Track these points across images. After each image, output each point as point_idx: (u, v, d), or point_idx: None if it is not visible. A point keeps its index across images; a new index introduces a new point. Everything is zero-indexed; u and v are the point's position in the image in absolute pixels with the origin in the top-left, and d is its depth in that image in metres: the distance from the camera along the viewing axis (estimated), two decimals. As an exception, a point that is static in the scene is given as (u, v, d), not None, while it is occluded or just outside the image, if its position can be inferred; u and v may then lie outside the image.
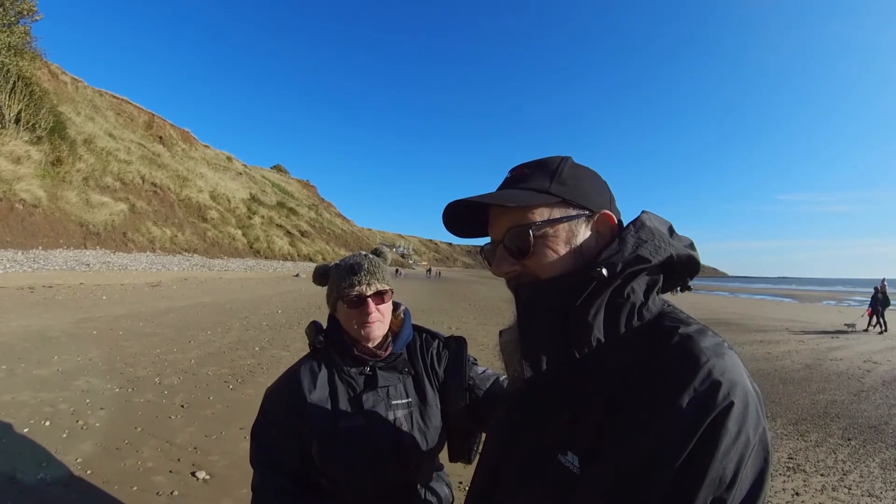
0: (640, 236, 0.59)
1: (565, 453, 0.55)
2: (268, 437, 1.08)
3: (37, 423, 3.32)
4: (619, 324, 0.58)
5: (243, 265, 29.56)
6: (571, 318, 0.57)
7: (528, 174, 0.65)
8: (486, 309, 14.88)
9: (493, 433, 0.77)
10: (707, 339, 0.53)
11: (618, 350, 0.56)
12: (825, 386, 6.16)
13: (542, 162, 0.66)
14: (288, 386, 1.10)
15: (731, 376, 0.49)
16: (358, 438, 1.05)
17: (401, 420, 1.09)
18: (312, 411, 1.05)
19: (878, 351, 9.26)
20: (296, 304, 12.54)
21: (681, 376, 0.49)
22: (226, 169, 49.87)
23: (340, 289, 1.10)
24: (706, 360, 0.49)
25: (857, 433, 4.34)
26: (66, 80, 32.78)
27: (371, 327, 1.08)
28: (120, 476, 2.70)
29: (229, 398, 4.22)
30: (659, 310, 0.60)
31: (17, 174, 18.32)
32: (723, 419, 0.46)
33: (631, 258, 0.57)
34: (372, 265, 1.11)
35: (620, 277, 0.57)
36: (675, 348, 0.52)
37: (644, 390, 0.51)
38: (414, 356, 1.20)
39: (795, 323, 14.51)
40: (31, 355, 5.08)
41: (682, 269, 0.62)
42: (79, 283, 12.81)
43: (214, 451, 3.11)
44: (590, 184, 0.65)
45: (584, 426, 0.54)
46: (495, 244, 0.66)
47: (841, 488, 3.22)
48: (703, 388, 0.47)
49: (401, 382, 1.14)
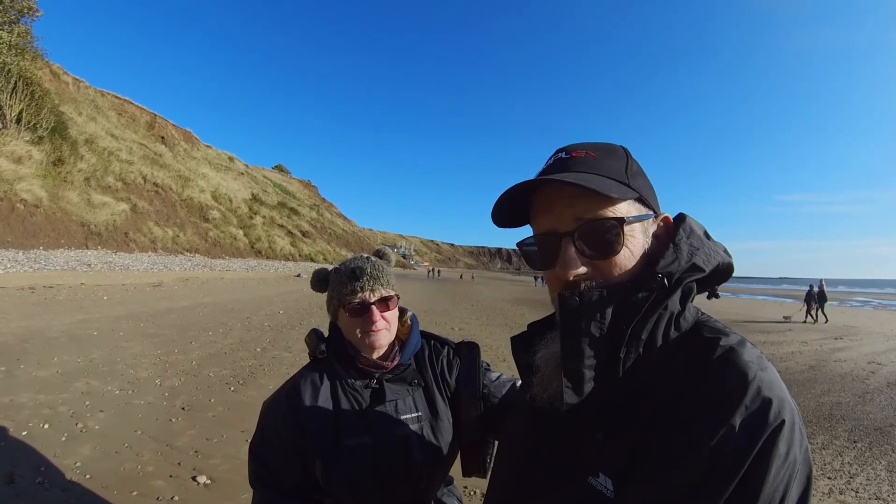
0: (693, 243, 0.55)
1: (597, 475, 0.50)
2: (267, 455, 1.01)
3: (35, 426, 3.29)
4: (657, 335, 0.53)
5: (245, 265, 29.56)
6: (627, 333, 0.52)
7: (596, 159, 0.57)
8: (488, 309, 14.85)
9: (510, 448, 0.71)
10: (749, 350, 0.50)
11: (657, 364, 0.52)
12: (830, 387, 6.11)
13: (607, 147, 0.59)
14: (287, 400, 1.03)
15: (779, 392, 0.46)
16: (365, 457, 0.98)
17: (410, 436, 1.02)
18: (315, 428, 0.99)
19: (882, 352, 9.20)
20: (297, 304, 12.51)
21: (730, 394, 0.46)
22: (227, 169, 49.89)
23: (341, 296, 1.03)
24: (754, 375, 0.46)
25: (863, 435, 4.30)
26: (68, 81, 32.81)
27: (376, 336, 1.01)
28: (119, 480, 2.67)
29: (230, 400, 4.19)
30: (695, 318, 0.56)
31: (18, 174, 18.34)
32: (774, 439, 0.44)
33: (687, 267, 0.53)
34: (375, 269, 1.04)
35: (678, 288, 0.53)
36: (719, 362, 0.49)
37: (689, 409, 0.47)
38: (423, 366, 1.13)
39: (797, 323, 14.45)
40: (31, 356, 5.06)
41: (718, 276, 0.58)
42: (80, 283, 12.80)
43: (215, 454, 3.08)
44: (649, 181, 0.60)
45: (619, 446, 0.50)
46: (554, 237, 0.56)
47: (848, 491, 3.18)
48: (755, 406, 0.45)
49: (409, 395, 1.07)
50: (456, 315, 12.73)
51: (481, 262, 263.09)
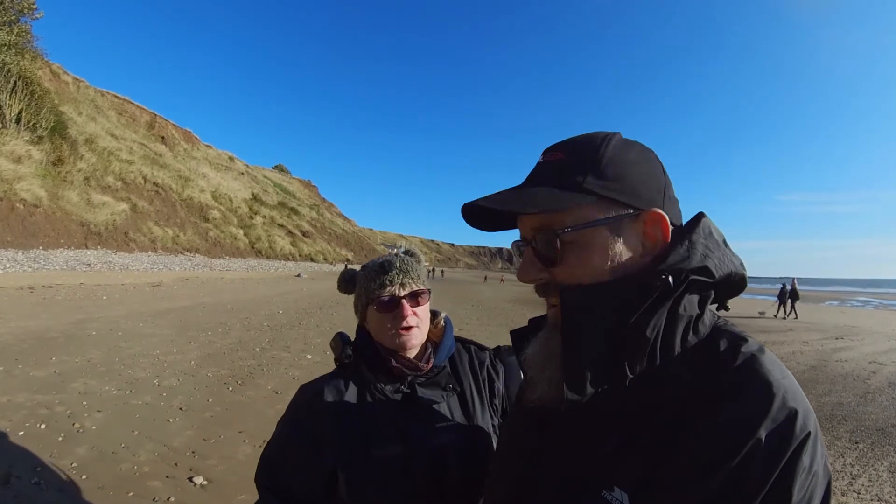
0: (709, 245, 0.53)
1: (611, 489, 0.47)
2: (281, 463, 0.94)
3: (32, 426, 3.27)
4: (675, 340, 0.51)
5: (245, 265, 29.56)
6: (629, 332, 0.50)
7: (560, 162, 0.55)
8: (489, 309, 14.84)
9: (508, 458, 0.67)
10: (769, 358, 0.48)
11: (675, 371, 0.50)
12: (831, 388, 6.09)
13: (579, 144, 0.56)
14: (308, 407, 0.95)
15: (802, 402, 0.45)
16: (395, 469, 0.89)
17: (447, 445, 0.93)
18: (339, 436, 0.91)
19: (884, 352, 9.18)
20: (297, 304, 12.50)
21: (755, 404, 0.44)
22: (228, 169, 49.93)
23: (370, 291, 0.97)
24: (778, 385, 0.45)
25: (865, 436, 4.28)
26: (68, 80, 32.85)
27: (408, 334, 0.94)
28: (115, 481, 2.65)
29: (228, 400, 4.17)
30: (713, 323, 0.54)
31: (17, 174, 18.34)
32: (800, 452, 0.42)
33: (697, 267, 0.51)
34: (404, 263, 1.00)
35: (682, 287, 0.50)
36: (741, 370, 0.47)
37: (712, 420, 0.45)
38: (460, 371, 1.05)
39: (799, 323, 14.44)
40: (29, 356, 5.04)
41: (730, 287, 0.55)
42: (79, 283, 12.78)
43: (212, 455, 3.07)
44: (638, 172, 0.54)
45: (635, 458, 0.48)
46: (525, 243, 0.58)
47: (850, 493, 3.17)
48: (782, 417, 0.43)
49: (444, 401, 0.98)
50: (456, 315, 12.71)
51: (482, 263, 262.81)
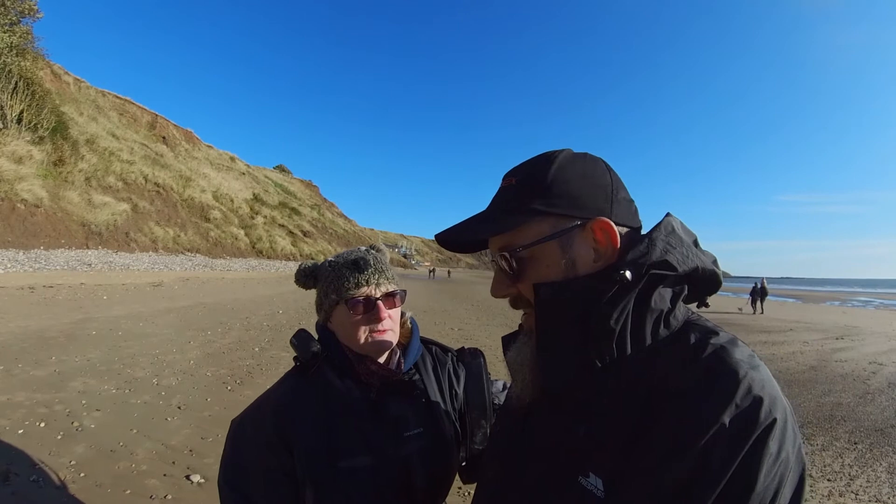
0: (670, 241, 0.55)
1: (587, 475, 0.50)
2: (245, 482, 0.86)
3: (31, 425, 3.29)
4: (645, 333, 0.53)
5: (246, 265, 29.58)
6: (593, 323, 0.53)
7: (512, 187, 0.60)
8: (489, 309, 14.83)
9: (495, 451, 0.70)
10: (740, 349, 0.50)
11: (645, 362, 0.52)
12: (830, 388, 6.09)
13: (529, 167, 0.60)
14: (273, 416, 0.88)
15: (770, 391, 0.46)
16: (363, 480, 0.85)
17: (413, 456, 0.89)
18: (305, 448, 0.85)
19: (884, 352, 9.17)
20: (297, 304, 12.53)
21: (720, 392, 0.45)
22: (229, 169, 49.95)
23: (342, 290, 0.90)
24: (744, 374, 0.46)
25: (864, 437, 4.28)
26: (69, 81, 32.88)
27: (382, 337, 0.89)
28: (113, 479, 2.66)
29: (227, 400, 4.18)
30: (685, 318, 0.56)
31: (18, 174, 18.38)
32: (765, 438, 0.43)
33: (657, 262, 0.53)
34: (378, 262, 0.95)
35: (643, 281, 0.52)
36: (709, 360, 0.48)
37: (678, 407, 0.47)
38: (425, 375, 0.99)
39: (799, 323, 14.42)
40: (29, 356, 5.06)
41: (703, 284, 0.58)
42: (80, 283, 12.81)
43: (210, 453, 3.07)
44: (582, 185, 0.57)
45: (608, 445, 0.50)
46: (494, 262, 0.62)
47: (848, 493, 3.16)
48: (746, 404, 0.44)
49: (412, 408, 0.93)
50: (456, 315, 12.72)
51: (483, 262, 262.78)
